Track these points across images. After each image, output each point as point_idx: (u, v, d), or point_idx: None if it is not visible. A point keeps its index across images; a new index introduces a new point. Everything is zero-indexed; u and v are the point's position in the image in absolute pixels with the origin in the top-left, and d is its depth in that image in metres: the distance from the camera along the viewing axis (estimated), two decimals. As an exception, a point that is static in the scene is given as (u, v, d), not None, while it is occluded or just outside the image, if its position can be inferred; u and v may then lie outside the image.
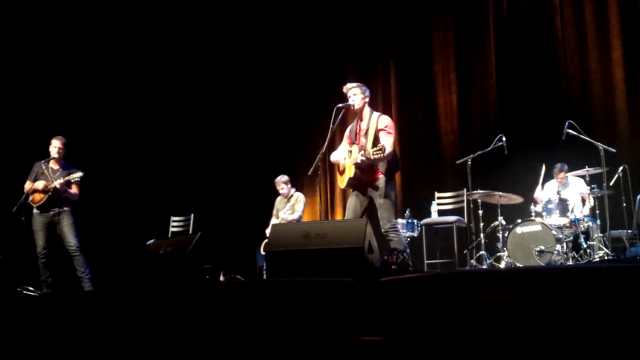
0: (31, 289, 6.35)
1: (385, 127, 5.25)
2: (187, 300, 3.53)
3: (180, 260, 4.44)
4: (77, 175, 6.57)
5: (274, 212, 8.25)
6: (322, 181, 5.65)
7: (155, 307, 3.55)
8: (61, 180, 6.50)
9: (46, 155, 6.71)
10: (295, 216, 7.97)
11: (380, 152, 4.89)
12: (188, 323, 3.38)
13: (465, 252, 7.23)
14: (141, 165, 9.38)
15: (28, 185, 6.61)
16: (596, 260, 6.13)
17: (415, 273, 3.96)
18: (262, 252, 8.03)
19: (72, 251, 6.56)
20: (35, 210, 6.59)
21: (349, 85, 5.46)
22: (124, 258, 7.41)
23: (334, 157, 5.55)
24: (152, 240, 6.77)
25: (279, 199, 8.27)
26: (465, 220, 7.50)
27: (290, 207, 8.07)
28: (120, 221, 8.80)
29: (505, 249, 6.61)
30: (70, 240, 6.56)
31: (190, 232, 8.54)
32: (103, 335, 3.54)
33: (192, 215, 8.79)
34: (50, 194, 6.51)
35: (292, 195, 8.16)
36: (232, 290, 3.52)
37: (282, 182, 8.13)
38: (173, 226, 8.91)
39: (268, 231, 8.07)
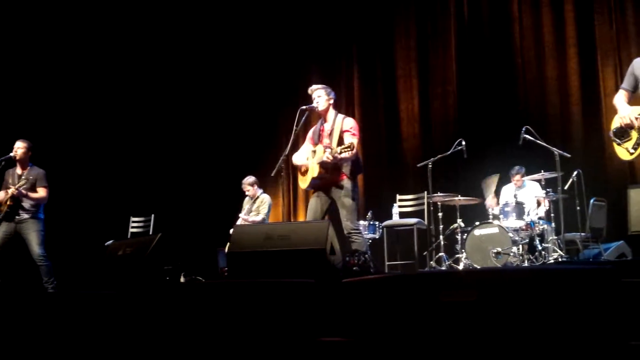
0: None
1: (350, 128, 5.27)
2: (146, 302, 3.50)
3: (139, 261, 4.39)
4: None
5: (242, 213, 8.23)
6: (285, 182, 5.64)
7: (114, 309, 3.52)
8: (21, 183, 6.32)
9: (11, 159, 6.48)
10: (258, 218, 7.95)
11: (349, 149, 4.89)
12: (148, 325, 3.35)
13: (425, 253, 7.33)
14: (100, 165, 9.24)
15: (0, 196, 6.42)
16: (550, 262, 6.25)
17: (376, 274, 4.00)
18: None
19: (36, 260, 6.31)
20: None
21: (314, 87, 5.48)
22: (82, 259, 7.30)
23: (297, 158, 5.51)
24: (111, 241, 6.68)
25: (246, 199, 8.26)
26: (426, 223, 7.61)
27: (256, 208, 8.06)
28: (79, 221, 8.65)
29: (463, 250, 6.71)
30: (34, 248, 6.30)
31: (151, 233, 8.44)
32: (61, 336, 3.49)
33: (153, 215, 8.69)
34: (9, 202, 6.30)
35: (257, 197, 8.15)
36: (193, 291, 3.51)
37: (247, 184, 8.13)
38: (133, 227, 8.80)
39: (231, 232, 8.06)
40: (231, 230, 7.93)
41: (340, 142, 5.19)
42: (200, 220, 9.07)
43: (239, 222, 8.04)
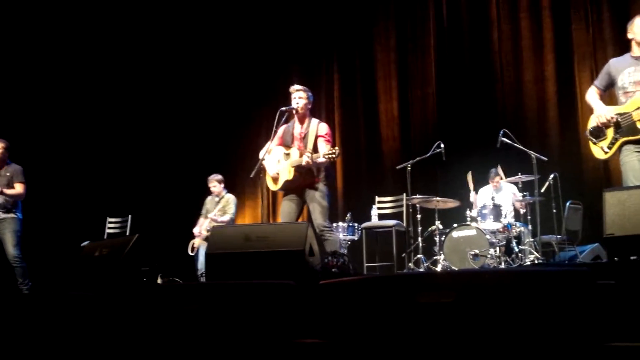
0: None
1: (325, 134, 5.30)
2: (123, 304, 3.47)
3: (116, 262, 4.34)
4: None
5: (203, 211, 8.18)
6: (264, 183, 5.63)
7: (90, 310, 3.48)
8: None
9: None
10: (226, 218, 7.90)
11: (333, 155, 4.92)
12: (125, 327, 3.32)
13: (403, 255, 7.36)
14: (77, 164, 9.14)
15: None
16: (527, 264, 6.31)
17: (355, 276, 4.01)
18: (190, 253, 7.96)
19: (11, 261, 6.22)
20: None
21: (296, 86, 5.47)
22: (57, 260, 7.21)
23: (267, 163, 5.45)
24: (87, 242, 6.60)
25: (209, 198, 8.21)
26: (404, 225, 7.64)
27: (221, 208, 8.00)
28: (54, 222, 8.55)
29: (441, 252, 6.75)
30: (9, 249, 6.21)
31: (127, 234, 8.37)
32: (36, 338, 3.45)
33: (130, 216, 8.62)
34: None
35: (222, 197, 8.09)
36: (171, 293, 3.48)
37: (215, 180, 8.06)
38: (109, 228, 8.71)
39: (196, 230, 8.00)
40: (195, 229, 7.96)
41: (315, 147, 5.21)
42: (178, 221, 9.01)
43: (203, 221, 7.97)
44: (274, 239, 3.86)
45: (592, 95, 4.71)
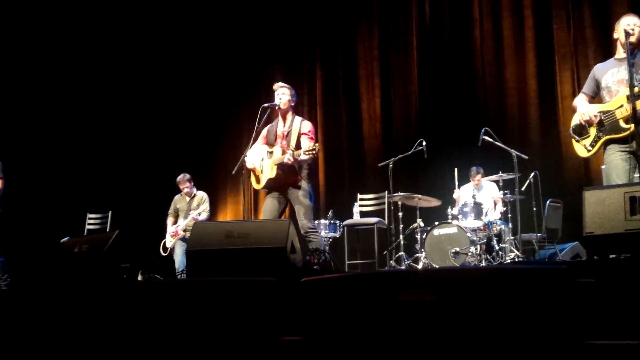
0: None
1: (309, 131, 5.30)
2: (103, 300, 3.44)
3: (96, 259, 4.30)
4: None
5: (172, 211, 8.08)
6: (246, 181, 5.61)
7: (69, 307, 3.44)
8: None
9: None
10: (204, 216, 7.86)
11: (313, 152, 4.92)
12: (104, 324, 3.29)
13: (385, 253, 7.38)
14: (56, 160, 9.06)
15: None
16: (507, 261, 6.36)
17: (336, 273, 4.01)
18: (163, 253, 7.88)
19: None
20: None
21: (280, 83, 5.49)
22: (36, 256, 7.13)
23: (250, 159, 5.45)
24: (66, 238, 6.53)
25: (178, 197, 8.11)
26: (386, 222, 7.66)
27: (196, 206, 7.92)
28: (34, 217, 8.46)
29: (423, 250, 6.78)
30: None
31: (108, 230, 8.30)
32: (13, 335, 3.41)
33: (110, 212, 8.55)
34: None
35: (195, 195, 8.03)
36: (152, 290, 3.46)
37: (186, 181, 7.98)
38: (89, 224, 8.64)
39: (171, 230, 7.88)
40: (168, 230, 7.86)
41: (298, 144, 5.21)
42: (159, 217, 8.95)
43: (185, 221, 7.88)
44: (255, 236, 3.85)
45: (579, 100, 4.73)
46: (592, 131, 4.56)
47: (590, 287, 2.54)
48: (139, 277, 7.24)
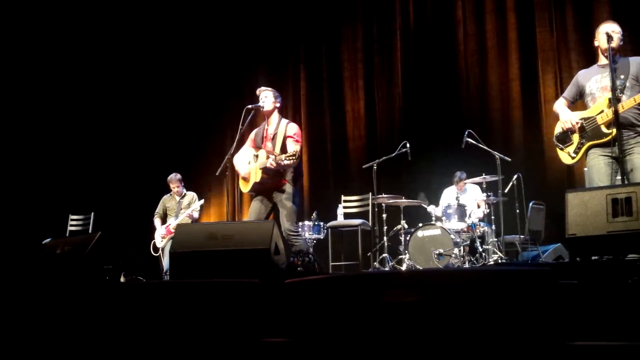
0: None
1: (294, 134, 5.30)
2: (85, 302, 3.41)
3: (78, 260, 4.27)
4: None
5: (159, 211, 8.05)
6: (229, 182, 5.59)
7: (51, 308, 3.41)
8: None
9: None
10: (196, 215, 7.86)
11: (293, 157, 4.92)
12: (86, 326, 3.26)
13: (369, 254, 7.38)
14: (39, 161, 8.97)
15: None
16: (490, 263, 6.39)
17: (320, 275, 4.00)
18: (154, 253, 7.85)
19: None
20: None
21: (262, 88, 5.52)
22: (18, 257, 7.04)
23: (238, 163, 5.47)
24: (48, 240, 6.47)
25: (167, 197, 8.10)
26: (370, 224, 7.67)
27: (186, 205, 7.91)
28: (16, 219, 8.36)
29: (406, 251, 6.79)
30: None
31: (90, 231, 8.23)
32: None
33: (92, 214, 8.48)
34: None
35: (185, 194, 8.01)
36: (135, 291, 3.43)
37: (177, 180, 7.99)
38: (72, 225, 8.57)
39: (162, 230, 7.84)
40: (157, 231, 7.82)
41: (284, 147, 5.22)
42: (142, 218, 8.89)
43: (177, 220, 7.84)
44: (239, 238, 3.83)
45: (559, 105, 4.79)
46: (575, 138, 4.60)
47: (573, 288, 2.55)
48: (122, 279, 7.20)
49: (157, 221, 8.01)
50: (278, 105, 5.47)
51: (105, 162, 9.40)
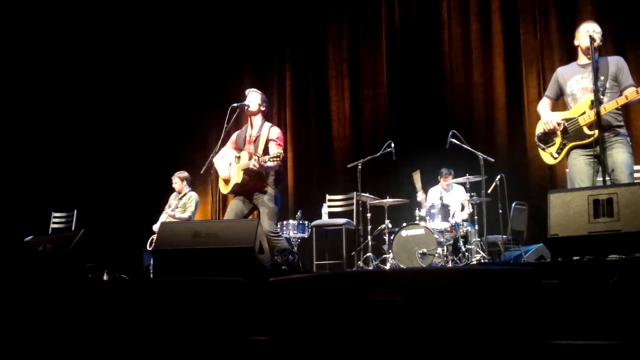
0: None
1: (277, 138, 5.31)
2: (67, 300, 3.39)
3: (61, 258, 4.24)
4: None
5: (167, 208, 8.04)
6: (214, 181, 5.58)
7: (33, 306, 3.38)
8: None
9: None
10: (185, 215, 7.81)
11: (277, 159, 4.93)
12: (69, 324, 3.24)
13: (353, 253, 7.40)
14: (21, 157, 8.88)
15: None
16: (473, 263, 6.43)
17: (304, 274, 4.01)
18: (149, 248, 7.80)
19: None
20: None
21: (252, 89, 5.54)
22: (0, 255, 6.98)
23: (219, 165, 5.46)
24: (30, 237, 6.42)
25: (174, 194, 8.10)
26: (354, 223, 7.69)
27: (182, 205, 7.90)
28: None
29: (390, 251, 6.81)
30: None
31: (73, 229, 8.18)
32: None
33: (75, 211, 8.43)
34: None
35: (185, 194, 8.00)
36: (118, 289, 3.42)
37: (178, 177, 7.97)
38: (54, 222, 8.51)
39: (156, 227, 7.82)
40: (155, 226, 7.80)
41: (266, 150, 5.22)
42: (125, 216, 8.85)
43: (163, 217, 7.86)
44: (223, 236, 3.83)
45: (542, 105, 4.83)
46: (557, 139, 4.65)
47: (554, 288, 2.58)
48: (105, 277, 7.17)
49: (161, 217, 7.97)
50: (263, 109, 5.47)
51: (89, 159, 9.34)
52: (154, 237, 7.76)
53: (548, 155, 4.73)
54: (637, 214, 3.26)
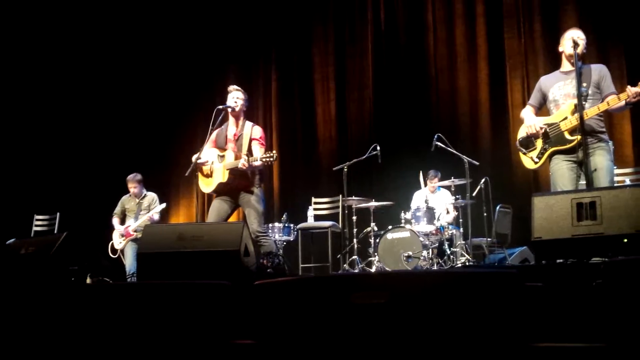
0: None
1: (260, 137, 5.31)
2: (50, 304, 3.35)
3: (43, 261, 4.21)
4: None
5: (118, 211, 7.76)
6: (199, 183, 5.56)
7: (15, 310, 3.35)
8: None
9: None
10: (157, 217, 7.67)
11: (270, 159, 4.92)
12: (52, 328, 3.21)
13: (338, 256, 7.40)
14: (3, 160, 8.80)
15: None
16: (458, 265, 6.46)
17: (290, 276, 4.00)
18: (112, 255, 7.64)
19: None
20: None
21: (235, 86, 5.49)
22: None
23: (199, 160, 5.36)
24: (13, 240, 6.35)
25: (126, 197, 7.79)
26: (340, 226, 7.69)
27: (146, 207, 7.71)
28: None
29: (376, 254, 6.82)
30: None
31: (55, 231, 8.11)
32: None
33: (58, 214, 8.35)
34: None
35: (145, 195, 7.81)
36: (101, 293, 3.39)
37: (136, 181, 7.70)
38: (37, 225, 8.43)
39: (122, 231, 7.64)
40: (114, 233, 7.63)
41: (249, 149, 5.21)
42: (108, 219, 8.78)
43: (137, 222, 7.66)
44: (209, 239, 3.81)
45: (526, 111, 4.86)
46: (539, 143, 4.68)
47: (538, 290, 2.60)
48: (88, 280, 7.09)
49: (115, 221, 7.72)
50: (245, 108, 5.48)
51: (72, 161, 9.27)
52: (113, 242, 7.62)
53: (529, 160, 4.76)
54: (619, 217, 3.29)
